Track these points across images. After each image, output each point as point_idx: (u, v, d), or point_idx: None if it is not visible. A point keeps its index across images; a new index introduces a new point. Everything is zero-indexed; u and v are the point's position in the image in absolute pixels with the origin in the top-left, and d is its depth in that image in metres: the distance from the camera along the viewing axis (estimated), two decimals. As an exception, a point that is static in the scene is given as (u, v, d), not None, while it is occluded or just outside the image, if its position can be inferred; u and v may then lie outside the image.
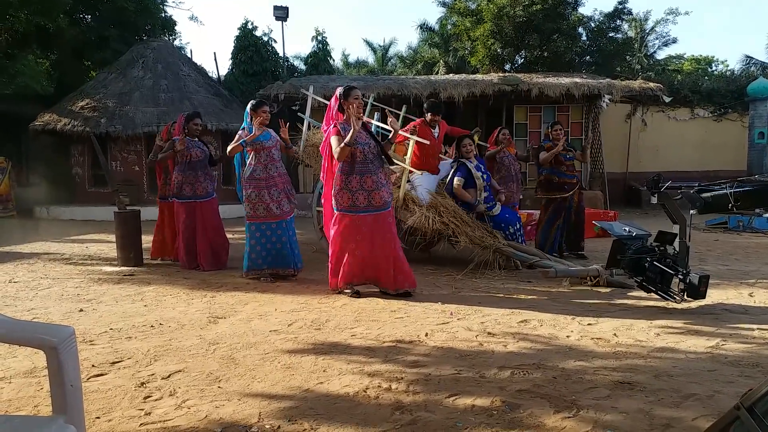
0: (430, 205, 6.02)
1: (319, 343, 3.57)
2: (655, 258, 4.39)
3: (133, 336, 3.76)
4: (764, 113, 14.51)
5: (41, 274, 6.17)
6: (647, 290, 4.51)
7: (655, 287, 4.40)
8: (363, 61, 29.30)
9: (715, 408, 2.48)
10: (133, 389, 2.80)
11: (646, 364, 3.10)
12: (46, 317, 4.28)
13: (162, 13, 19.71)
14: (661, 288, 4.38)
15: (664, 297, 4.41)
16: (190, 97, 14.93)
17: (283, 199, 5.68)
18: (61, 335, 1.55)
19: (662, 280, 4.35)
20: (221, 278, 5.88)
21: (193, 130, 6.56)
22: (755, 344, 3.49)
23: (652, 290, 4.45)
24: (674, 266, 4.30)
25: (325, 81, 15.14)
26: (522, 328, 3.89)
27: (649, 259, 4.40)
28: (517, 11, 16.83)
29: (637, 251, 4.48)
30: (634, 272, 4.52)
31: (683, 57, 29.06)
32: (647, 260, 4.41)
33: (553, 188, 7.07)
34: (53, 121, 14.14)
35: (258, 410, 2.54)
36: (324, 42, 20.88)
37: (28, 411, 2.56)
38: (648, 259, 4.41)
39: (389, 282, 4.87)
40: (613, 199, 14.51)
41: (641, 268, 4.46)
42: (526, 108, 14.67)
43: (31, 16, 14.00)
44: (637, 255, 4.46)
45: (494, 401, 2.60)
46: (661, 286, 4.37)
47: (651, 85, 14.33)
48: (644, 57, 22.01)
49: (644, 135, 16.20)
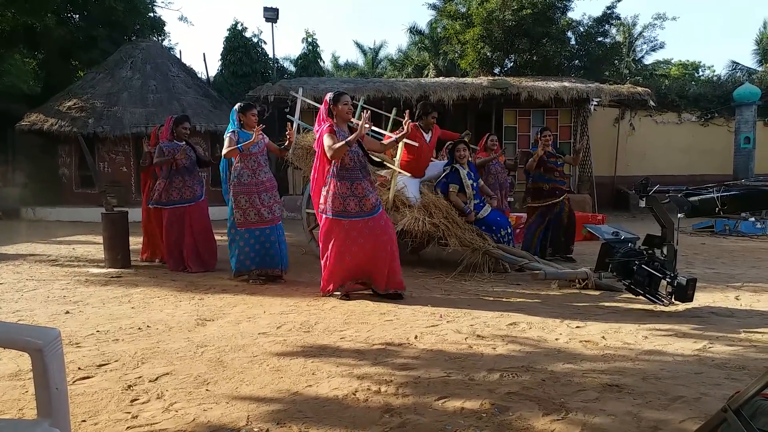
0: (422, 205, 6.01)
1: (308, 345, 3.55)
2: (644, 261, 4.41)
3: (120, 338, 3.72)
4: (750, 118, 14.70)
5: (27, 275, 6.10)
6: (635, 293, 4.53)
7: (644, 290, 4.43)
8: (353, 64, 29.36)
9: (702, 410, 2.50)
10: (119, 392, 2.78)
11: (634, 367, 3.11)
12: (32, 319, 4.23)
13: (151, 14, 19.62)
14: (649, 291, 4.40)
15: (652, 300, 4.43)
16: (179, 98, 14.86)
17: (274, 203, 5.67)
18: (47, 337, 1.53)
19: (650, 283, 4.37)
20: (209, 280, 5.85)
21: (181, 134, 6.51)
22: (741, 347, 3.52)
23: (641, 293, 4.47)
24: (662, 269, 4.33)
25: (315, 83, 15.14)
26: (511, 330, 3.90)
27: (638, 262, 4.43)
28: (506, 15, 16.92)
29: (625, 254, 4.51)
30: (623, 275, 4.54)
31: (671, 62, 29.35)
32: (635, 263, 4.43)
33: (543, 196, 7.11)
34: (40, 121, 14.00)
35: (246, 413, 2.53)
36: (314, 44, 20.87)
37: (12, 414, 2.52)
38: (636, 262, 4.43)
39: (381, 281, 4.86)
40: (601, 203, 14.62)
41: (629, 271, 4.48)
42: (515, 111, 14.75)
43: (17, 15, 13.88)
44: (625, 258, 4.49)
45: (483, 404, 2.60)
46: (650, 289, 4.39)
47: (639, 90, 14.47)
48: (632, 62, 22.22)
49: (632, 139, 16.34)
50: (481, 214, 6.21)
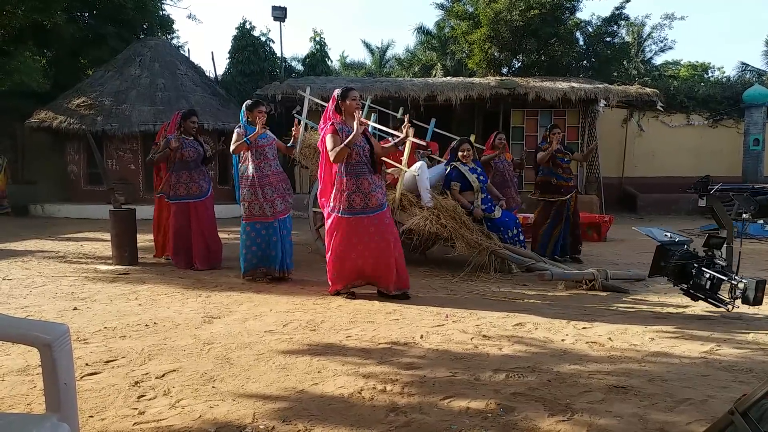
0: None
1: (314, 344, 3.56)
2: (703, 263, 4.16)
3: (128, 335, 3.74)
4: (759, 120, 14.61)
5: (35, 271, 6.14)
6: (695, 298, 4.28)
7: (704, 294, 4.18)
8: (360, 63, 29.35)
9: (709, 413, 2.49)
10: (126, 388, 2.79)
11: (640, 369, 3.10)
12: (40, 315, 4.26)
13: (160, 12, 19.67)
14: (710, 295, 4.15)
15: (714, 304, 4.16)
16: (187, 96, 14.91)
17: (276, 198, 5.62)
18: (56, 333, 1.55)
19: (711, 287, 4.11)
20: (216, 278, 5.87)
21: (189, 128, 6.54)
22: (749, 349, 3.50)
23: (701, 297, 4.21)
24: (724, 272, 4.08)
25: (322, 82, 15.16)
26: (517, 331, 3.89)
27: (697, 264, 4.18)
28: (514, 16, 16.86)
29: (682, 257, 4.24)
30: (679, 279, 4.27)
31: (680, 63, 29.21)
32: (694, 266, 4.18)
33: (550, 190, 7.09)
34: (49, 119, 14.09)
35: (252, 411, 2.53)
36: (322, 43, 20.87)
37: (21, 409, 2.55)
38: (695, 264, 4.18)
39: (390, 282, 4.84)
40: (609, 204, 14.56)
41: (687, 274, 4.22)
42: (522, 112, 14.71)
43: (28, 12, 13.95)
44: (682, 261, 4.22)
45: (489, 404, 2.60)
46: (710, 292, 4.14)
47: (647, 91, 14.41)
48: (641, 62, 22.13)
49: (640, 140, 16.27)
50: (494, 215, 6.20)
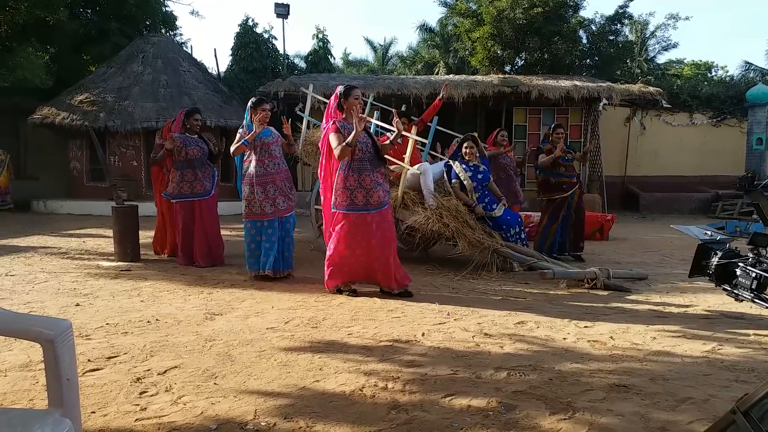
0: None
1: (315, 341, 3.56)
2: (748, 263, 3.97)
3: (130, 331, 3.75)
4: (763, 119, 14.56)
5: (38, 267, 6.15)
6: (738, 298, 4.09)
7: (750, 294, 4.01)
8: (363, 60, 29.30)
9: (711, 412, 2.48)
10: (128, 384, 2.80)
11: (642, 368, 3.10)
12: (43, 311, 4.27)
13: (163, 8, 19.66)
14: (756, 295, 3.97)
15: (762, 305, 3.95)
16: (190, 92, 14.91)
17: (278, 197, 5.61)
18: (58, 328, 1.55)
19: (758, 287, 3.92)
20: (218, 275, 5.87)
21: (192, 125, 6.54)
22: (751, 349, 3.50)
23: (746, 298, 4.01)
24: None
25: (325, 79, 15.14)
26: (519, 329, 3.89)
27: (741, 264, 4.01)
28: (517, 14, 16.82)
29: (725, 255, 4.11)
30: (722, 279, 4.12)
31: (683, 62, 29.12)
32: (738, 265, 4.02)
33: (552, 188, 7.07)
34: (52, 115, 14.11)
35: (254, 407, 2.54)
36: (324, 40, 20.84)
37: (23, 404, 2.55)
38: (740, 264, 4.02)
39: (390, 281, 4.85)
40: (611, 202, 14.55)
41: (731, 274, 4.07)
42: (525, 110, 14.69)
43: (31, 8, 13.95)
44: (725, 260, 4.08)
45: (490, 402, 2.60)
46: (756, 293, 3.96)
47: (650, 90, 14.38)
48: (644, 61, 22.05)
49: (643, 139, 16.24)
50: (495, 213, 6.19)
